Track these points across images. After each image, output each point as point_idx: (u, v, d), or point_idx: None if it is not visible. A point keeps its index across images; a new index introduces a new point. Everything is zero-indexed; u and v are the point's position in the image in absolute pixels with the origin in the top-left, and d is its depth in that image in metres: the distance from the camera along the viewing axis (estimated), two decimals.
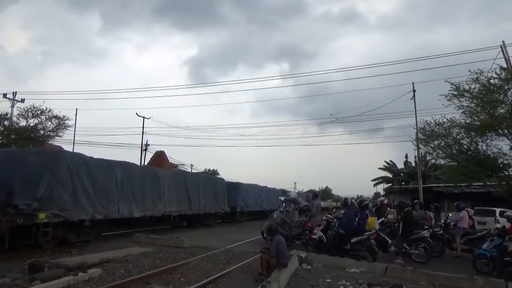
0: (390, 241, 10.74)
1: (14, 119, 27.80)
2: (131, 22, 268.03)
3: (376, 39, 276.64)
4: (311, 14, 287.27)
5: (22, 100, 28.84)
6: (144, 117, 37.21)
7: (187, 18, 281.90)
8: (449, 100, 15.32)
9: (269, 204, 30.51)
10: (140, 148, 37.46)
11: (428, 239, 10.69)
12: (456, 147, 16.25)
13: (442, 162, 20.71)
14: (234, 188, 25.27)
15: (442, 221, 13.04)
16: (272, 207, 29.40)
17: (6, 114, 27.22)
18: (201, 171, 54.97)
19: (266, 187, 32.14)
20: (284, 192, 33.88)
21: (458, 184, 21.66)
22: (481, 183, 18.69)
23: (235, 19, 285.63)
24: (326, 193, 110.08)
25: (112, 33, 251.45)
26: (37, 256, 8.80)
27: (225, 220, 24.47)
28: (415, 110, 24.94)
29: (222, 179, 25.02)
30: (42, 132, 28.42)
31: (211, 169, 64.37)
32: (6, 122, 26.84)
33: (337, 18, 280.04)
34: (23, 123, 27.88)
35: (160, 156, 37.95)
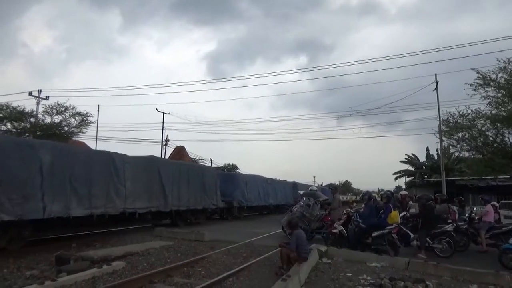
0: (412, 235, 10.57)
1: (40, 116, 28.67)
2: (150, 19, 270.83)
3: (396, 30, 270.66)
4: (330, 6, 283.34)
5: (47, 98, 29.63)
6: (164, 113, 37.72)
7: (205, 13, 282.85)
8: (474, 89, 14.90)
9: (277, 198, 28.30)
10: (161, 144, 38.02)
11: (452, 233, 10.46)
12: (481, 139, 15.80)
13: (467, 154, 20.20)
14: (230, 179, 22.78)
15: (467, 215, 12.74)
16: (280, 202, 28.65)
17: (32, 111, 28.08)
18: (221, 165, 55.35)
19: (273, 179, 29.21)
20: (295, 185, 32.78)
21: (483, 177, 21.10)
22: (508, 176, 18.16)
23: (252, 13, 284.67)
24: (346, 187, 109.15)
25: (132, 30, 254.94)
26: (63, 249, 9.08)
27: (223, 216, 21.71)
28: (438, 102, 24.38)
29: (212, 169, 22.51)
30: (66, 128, 29.22)
31: (230, 163, 64.71)
32: (32, 119, 27.69)
33: (356, 10, 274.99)
34: (48, 120, 28.74)
35: (180, 151, 38.52)
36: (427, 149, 47.72)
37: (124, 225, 13.53)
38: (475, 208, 16.29)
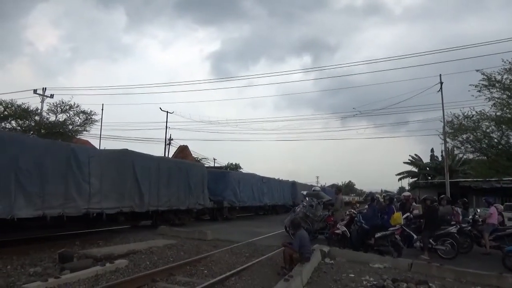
0: (415, 236, 10.54)
1: (44, 114, 28.78)
2: (155, 18, 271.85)
3: (401, 31, 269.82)
4: (334, 6, 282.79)
5: (51, 96, 29.73)
6: (167, 112, 37.77)
7: (209, 13, 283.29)
8: (479, 91, 14.83)
9: (273, 198, 26.90)
10: (164, 143, 38.11)
11: (455, 235, 10.42)
12: (486, 141, 15.72)
13: (471, 156, 20.09)
14: (221, 177, 21.05)
15: (470, 217, 12.68)
16: (277, 202, 27.64)
17: (37, 109, 28.20)
18: (224, 165, 55.38)
19: (269, 178, 27.59)
20: (294, 184, 32.28)
21: (487, 179, 20.98)
22: None
23: (257, 13, 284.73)
24: (349, 187, 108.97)
25: (137, 29, 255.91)
26: (66, 247, 9.13)
27: (214, 217, 20.14)
28: (442, 103, 24.21)
29: (199, 165, 20.21)
30: (70, 127, 29.34)
31: (234, 163, 64.68)
32: (37, 117, 27.81)
33: (361, 10, 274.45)
34: (52, 118, 28.87)
35: (183, 150, 38.61)
36: (432, 150, 47.60)
37: (101, 226, 12.52)
38: (478, 210, 16.19)
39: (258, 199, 24.33)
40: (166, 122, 37.78)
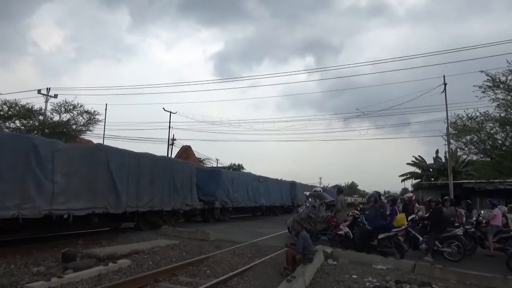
0: (421, 238, 10.50)
1: (48, 114, 28.91)
2: (159, 19, 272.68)
3: (405, 32, 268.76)
4: (337, 7, 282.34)
5: (55, 96, 29.83)
6: (170, 112, 37.83)
7: (213, 13, 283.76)
8: (483, 92, 14.74)
9: (270, 198, 25.68)
10: (167, 143, 38.17)
11: (462, 237, 10.36)
12: (490, 142, 15.63)
13: (474, 157, 19.99)
14: (212, 176, 19.79)
15: (474, 218, 12.62)
16: (274, 203, 26.56)
17: (41, 109, 28.33)
18: (227, 165, 55.45)
19: (266, 177, 26.52)
20: (293, 184, 31.44)
21: (491, 181, 20.88)
22: None
23: (260, 14, 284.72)
24: (352, 188, 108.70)
25: (140, 29, 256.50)
26: (70, 247, 9.16)
27: (206, 218, 18.94)
28: (446, 104, 24.16)
29: (187, 163, 18.26)
30: (74, 126, 29.44)
31: (237, 163, 64.79)
32: (40, 117, 27.94)
33: (365, 11, 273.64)
34: (56, 118, 28.99)
35: (186, 151, 38.69)
36: (437, 151, 47.37)
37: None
38: (482, 212, 16.12)
39: (254, 199, 23.20)
40: (169, 122, 37.87)
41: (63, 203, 9.96)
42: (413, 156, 50.96)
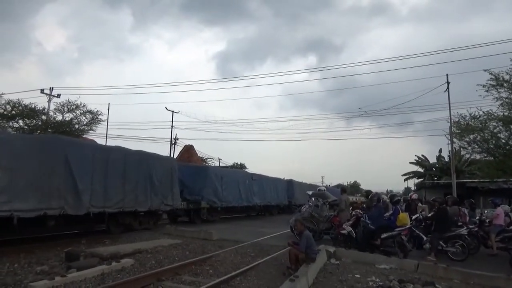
0: (425, 237, 10.47)
1: (51, 113, 28.99)
2: (161, 19, 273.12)
3: (407, 31, 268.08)
4: (339, 7, 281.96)
5: (58, 95, 29.91)
6: (173, 111, 37.83)
7: (215, 13, 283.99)
8: (487, 91, 14.71)
9: (265, 197, 24.26)
10: (170, 142, 38.19)
11: (466, 237, 10.33)
12: (493, 141, 15.61)
13: (478, 157, 19.96)
14: (199, 174, 18.44)
15: (477, 217, 12.58)
16: (269, 202, 25.16)
17: (44, 109, 28.41)
18: (229, 165, 55.46)
19: (260, 175, 25.29)
20: (290, 183, 29.78)
21: (494, 180, 20.80)
22: None
23: (262, 14, 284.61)
24: (354, 187, 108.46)
25: (143, 29, 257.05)
26: (73, 246, 9.19)
27: (191, 219, 17.71)
28: (449, 103, 24.00)
29: (168, 158, 16.59)
30: (77, 126, 29.54)
31: (239, 162, 64.82)
32: (43, 117, 28.03)
33: (366, 10, 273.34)
34: (59, 117, 29.08)
35: (189, 150, 38.60)
36: (440, 151, 47.14)
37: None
38: (486, 211, 16.05)
39: (246, 198, 21.73)
40: (172, 121, 37.86)
41: (5, 203, 8.54)
42: (415, 155, 50.83)
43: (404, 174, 51.68)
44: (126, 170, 12.49)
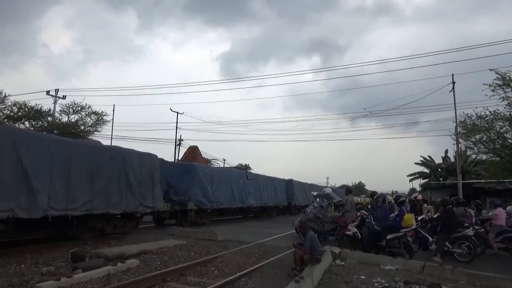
0: (431, 238, 10.41)
1: (57, 115, 29.26)
2: (166, 20, 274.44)
3: (412, 31, 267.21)
4: (344, 7, 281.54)
5: (64, 97, 30.17)
6: (177, 113, 37.98)
7: (219, 14, 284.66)
8: (493, 90, 14.59)
9: (261, 198, 22.78)
10: (174, 143, 38.33)
11: (473, 238, 10.25)
12: (500, 141, 15.48)
13: (484, 157, 19.81)
14: (186, 172, 16.87)
15: (478, 217, 12.59)
16: (266, 203, 23.72)
17: (49, 110, 28.65)
18: (234, 166, 55.48)
19: (257, 174, 24.11)
20: (290, 183, 28.32)
21: (501, 180, 20.64)
22: None
23: (266, 14, 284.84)
24: (359, 188, 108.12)
25: (148, 31, 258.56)
26: (79, 247, 9.23)
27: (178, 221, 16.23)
28: (455, 103, 23.89)
29: (148, 154, 13.56)
30: (82, 127, 29.75)
31: (244, 163, 64.90)
32: (49, 118, 28.25)
33: (371, 10, 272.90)
34: (64, 119, 29.34)
35: (193, 151, 38.75)
36: (446, 151, 46.84)
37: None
38: (490, 212, 15.96)
39: (240, 199, 20.29)
40: (176, 122, 38.01)
41: None
42: (421, 156, 50.55)
43: (410, 175, 51.43)
44: (94, 167, 10.70)
